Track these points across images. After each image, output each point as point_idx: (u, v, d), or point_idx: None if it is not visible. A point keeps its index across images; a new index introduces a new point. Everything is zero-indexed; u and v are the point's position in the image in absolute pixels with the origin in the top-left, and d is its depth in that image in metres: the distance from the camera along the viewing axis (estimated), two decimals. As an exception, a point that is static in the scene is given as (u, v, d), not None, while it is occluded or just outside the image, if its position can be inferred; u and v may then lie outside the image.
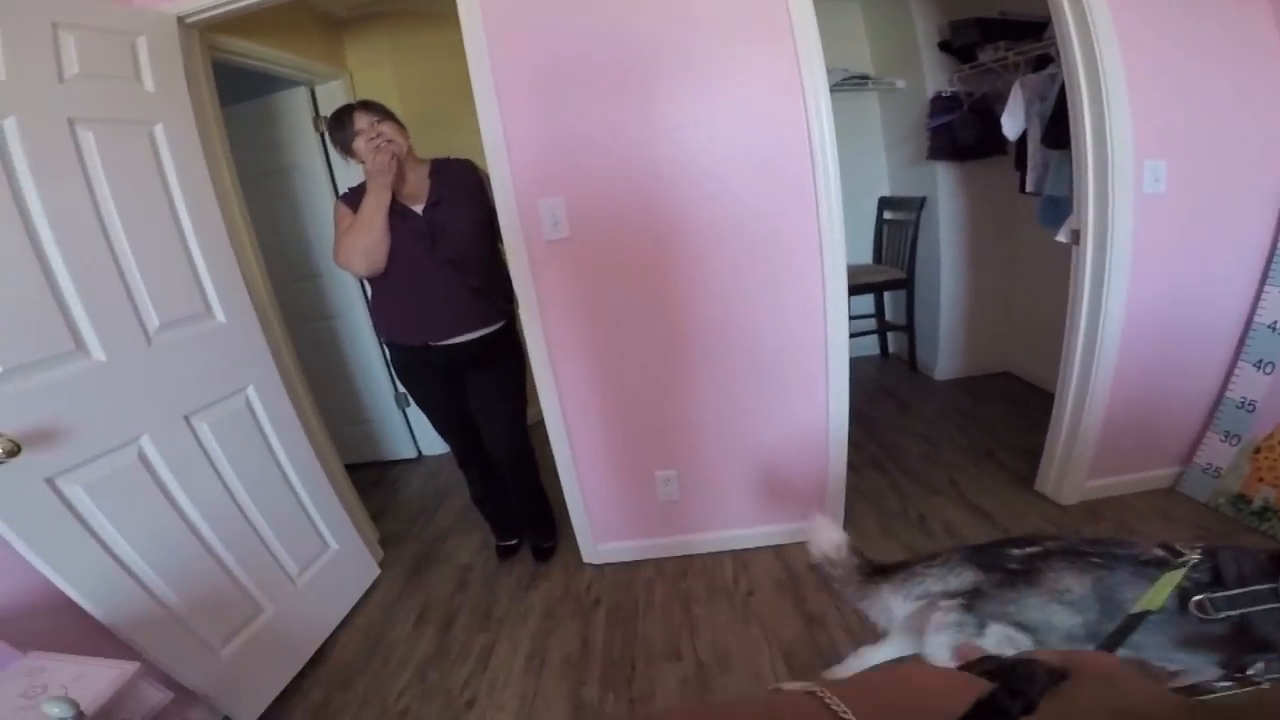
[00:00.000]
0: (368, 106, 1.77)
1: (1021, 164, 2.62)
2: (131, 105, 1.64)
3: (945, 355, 3.43)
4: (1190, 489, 2.16)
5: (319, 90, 2.77)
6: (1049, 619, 0.91)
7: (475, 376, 2.03)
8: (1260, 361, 1.97)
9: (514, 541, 2.43)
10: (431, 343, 1.92)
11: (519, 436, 2.17)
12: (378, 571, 2.39)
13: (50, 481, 1.36)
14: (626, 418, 2.08)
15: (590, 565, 2.28)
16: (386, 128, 1.74)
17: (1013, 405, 3.07)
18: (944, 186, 3.13)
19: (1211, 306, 2.01)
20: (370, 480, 3.19)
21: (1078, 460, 2.16)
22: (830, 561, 1.19)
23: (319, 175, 2.85)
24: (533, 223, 1.84)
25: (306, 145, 2.81)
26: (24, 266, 1.35)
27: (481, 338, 1.96)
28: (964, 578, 1.00)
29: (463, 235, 1.86)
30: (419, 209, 1.83)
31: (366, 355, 3.18)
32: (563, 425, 2.07)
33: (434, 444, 3.44)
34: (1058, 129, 2.20)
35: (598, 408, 2.06)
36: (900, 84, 3.18)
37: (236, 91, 2.48)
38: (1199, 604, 0.87)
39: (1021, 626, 0.93)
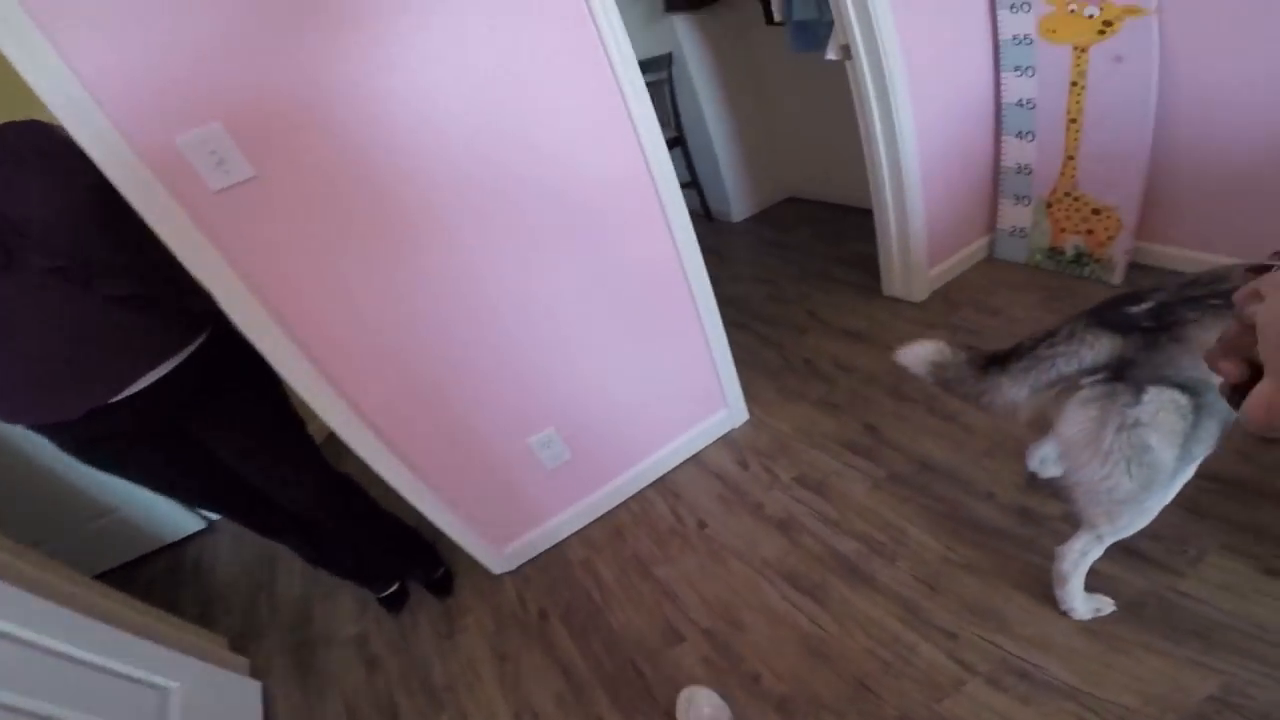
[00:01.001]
0: None
1: None
2: None
3: (735, 198, 2.92)
4: (1005, 253, 1.94)
5: None
6: (1208, 376, 0.63)
7: (204, 421, 1.09)
8: (1020, 132, 1.74)
9: (395, 586, 1.56)
10: (96, 405, 0.94)
11: (317, 471, 1.26)
12: (258, 685, 1.45)
13: None
14: (463, 393, 1.26)
15: (506, 575, 1.53)
16: None
17: (814, 224, 2.67)
18: (686, 39, 2.47)
19: (964, 94, 1.71)
20: (163, 573, 2.02)
21: (916, 258, 1.83)
22: (938, 370, 0.87)
23: None
24: (180, 173, 0.83)
25: None
26: None
27: (178, 368, 1.01)
28: (1100, 348, 0.74)
29: (64, 225, 0.87)
30: None
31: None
32: (368, 433, 1.18)
33: None
34: None
35: (413, 395, 1.21)
36: None
37: None
38: None
39: (1182, 388, 0.72)
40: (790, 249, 2.52)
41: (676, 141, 2.68)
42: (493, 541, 1.48)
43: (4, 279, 0.83)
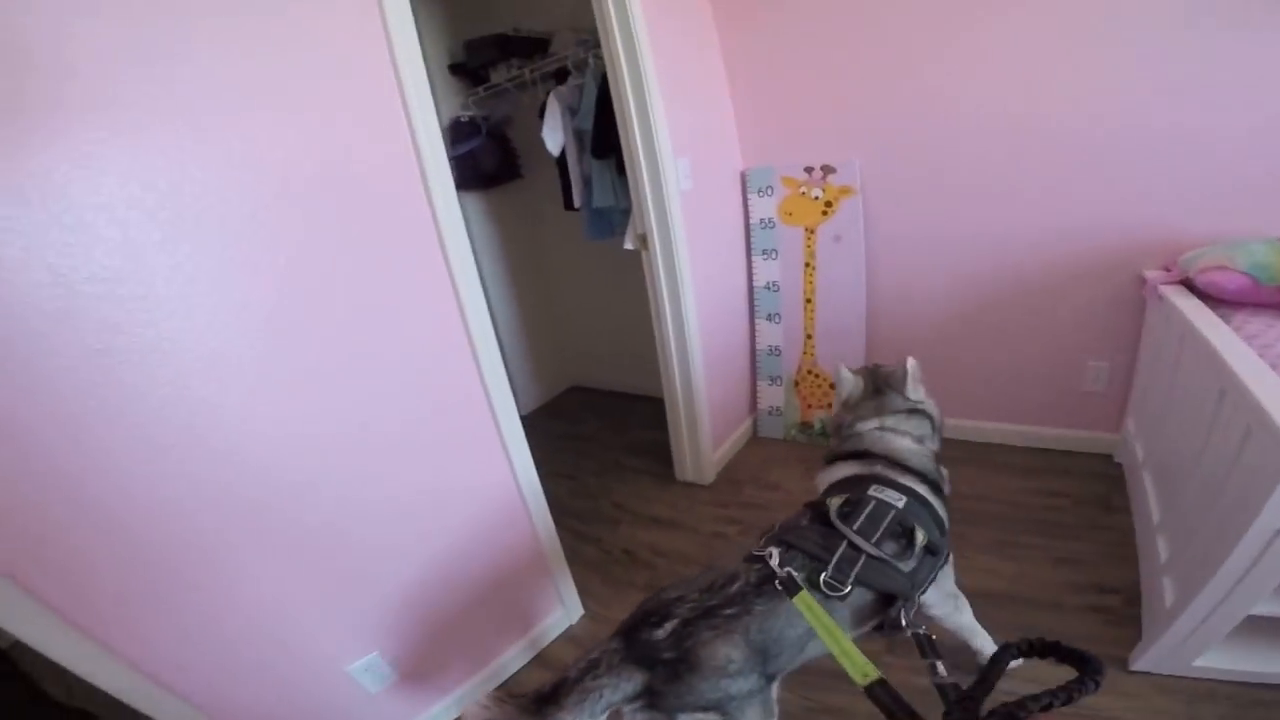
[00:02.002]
0: None
1: (565, 179, 2.52)
2: None
3: (522, 389, 3.25)
4: (767, 430, 2.60)
5: None
6: (728, 692, 0.90)
7: None
8: (770, 315, 2.45)
9: None
10: None
11: None
12: None
13: None
14: (270, 629, 1.18)
15: None
16: None
17: (599, 413, 3.14)
18: (474, 218, 2.87)
19: (728, 279, 2.35)
20: None
21: (703, 441, 2.29)
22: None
23: None
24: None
25: None
26: None
27: None
28: (634, 680, 0.90)
29: None
30: None
31: None
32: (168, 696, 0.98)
33: None
34: (602, 139, 2.18)
35: (212, 647, 1.10)
36: None
37: None
38: (828, 586, 0.94)
39: (706, 708, 0.89)
40: (583, 440, 2.87)
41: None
42: None
43: None
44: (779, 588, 0.92)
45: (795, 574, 0.93)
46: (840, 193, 2.16)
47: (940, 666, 0.77)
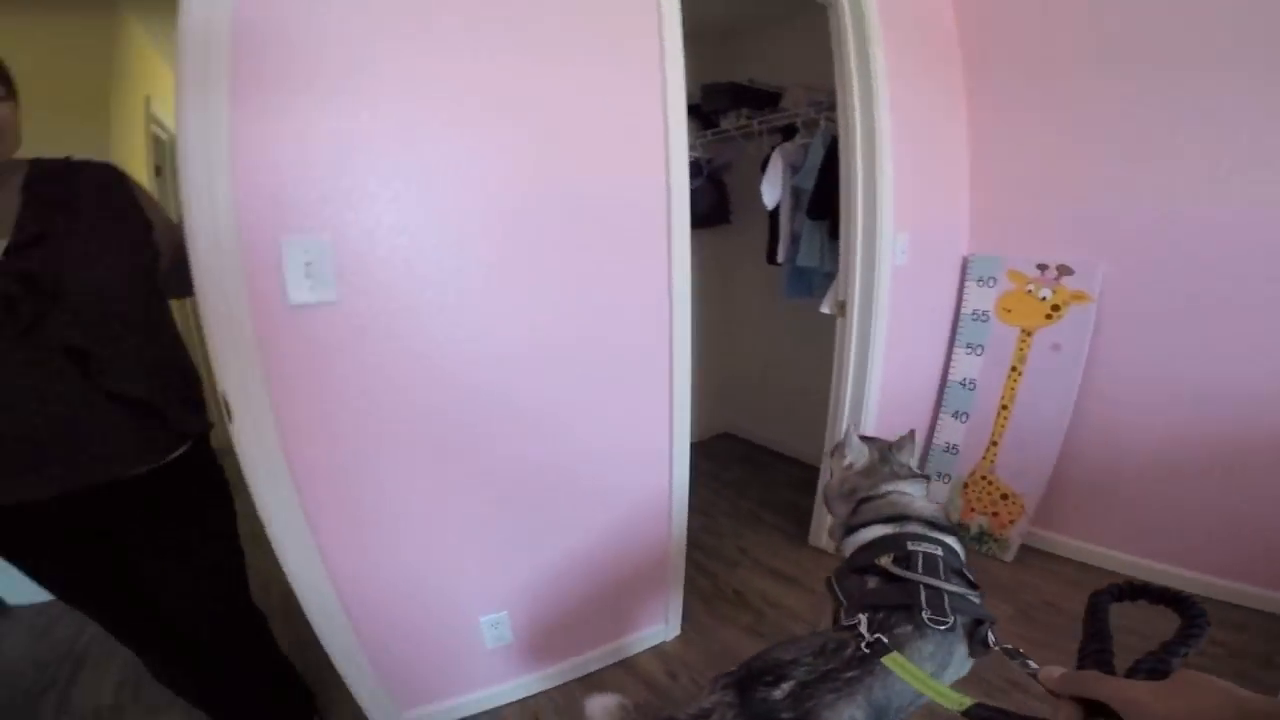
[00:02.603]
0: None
1: (773, 232, 2.60)
2: None
3: None
4: (922, 524, 2.42)
5: None
6: None
7: (146, 537, 1.09)
8: (957, 412, 2.30)
9: None
10: (38, 498, 0.94)
11: (236, 612, 1.26)
12: None
13: None
14: (435, 557, 1.38)
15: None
16: (6, 109, 0.90)
17: (746, 465, 3.15)
18: None
19: (924, 367, 2.26)
20: None
21: None
22: None
23: None
24: (267, 273, 1.05)
25: None
26: None
27: (146, 477, 1.03)
28: None
29: (97, 297, 0.95)
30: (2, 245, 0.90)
31: None
32: (328, 583, 1.24)
33: (26, 588, 1.92)
34: (822, 199, 2.22)
35: (387, 558, 1.31)
36: None
37: None
38: (933, 621, 0.95)
39: None
40: (725, 484, 2.92)
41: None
42: (398, 704, 1.46)
43: (17, 345, 0.88)
44: (865, 651, 0.93)
45: (884, 638, 0.94)
46: (1072, 298, 1.98)
47: (1032, 662, 0.75)
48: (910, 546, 1.10)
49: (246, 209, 1.01)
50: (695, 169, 2.82)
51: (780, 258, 2.59)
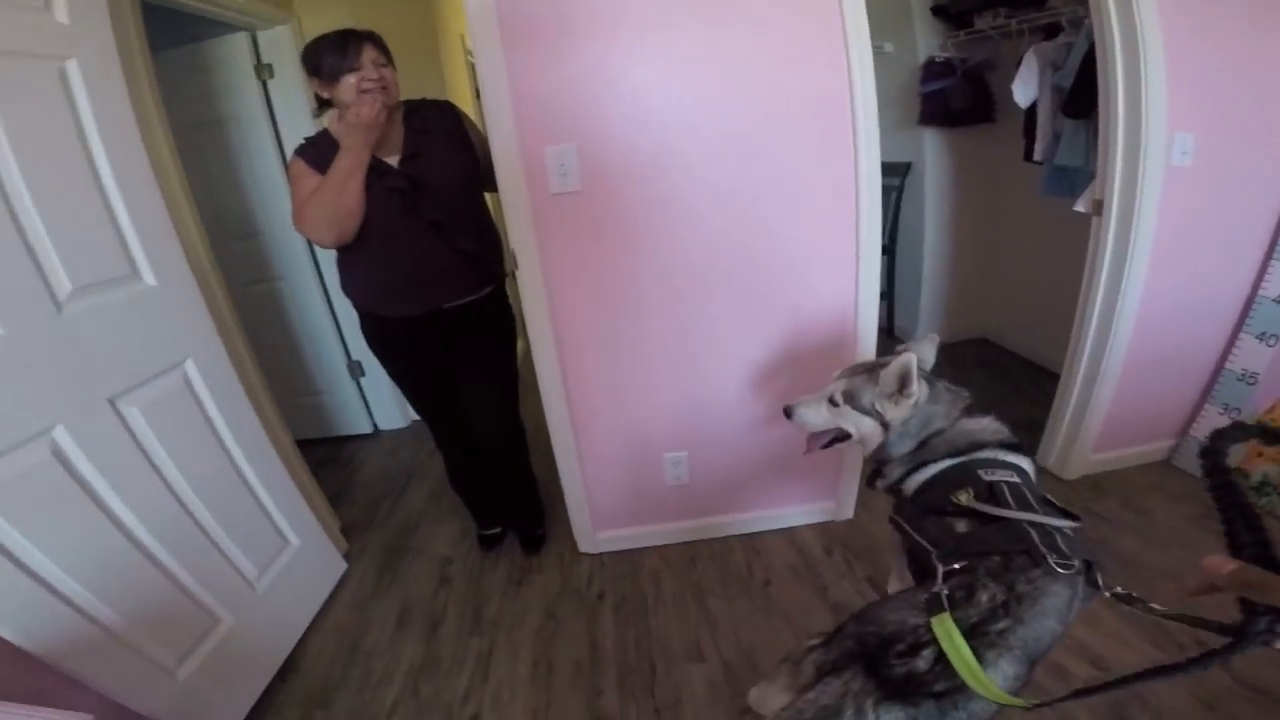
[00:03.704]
0: (378, 43, 1.43)
1: (1029, 132, 2.49)
2: (37, 37, 1.24)
3: (925, 320, 3.35)
4: (1184, 462, 2.14)
5: (261, 36, 2.33)
6: None
7: (462, 349, 1.72)
8: (1264, 334, 1.92)
9: (498, 529, 2.17)
10: (412, 314, 1.61)
11: (511, 417, 1.89)
12: (344, 566, 2.09)
13: None
14: (637, 395, 1.83)
15: (588, 555, 2.05)
16: (389, 73, 1.43)
17: (992, 372, 3.01)
18: (931, 153, 3.01)
19: (1219, 279, 1.94)
20: (321, 459, 2.82)
21: (1084, 436, 2.09)
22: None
23: (260, 127, 2.44)
24: (538, 173, 1.54)
25: (246, 94, 2.39)
26: None
27: (469, 305, 1.65)
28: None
29: (447, 190, 1.54)
30: (394, 161, 1.50)
31: (314, 320, 2.79)
32: (565, 404, 1.81)
33: (391, 418, 3.10)
34: (1080, 98, 2.07)
35: (605, 384, 1.81)
36: (888, 47, 2.96)
37: (165, 36, 2.07)
38: (1062, 567, 0.82)
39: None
40: (961, 387, 2.83)
41: (885, 251, 3.24)
42: (594, 525, 2.03)
43: (407, 220, 1.49)
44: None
45: (946, 591, 0.84)
46: None
47: (1155, 605, 0.71)
48: (985, 476, 1.00)
49: (521, 126, 1.49)
50: (947, 68, 2.75)
51: (1038, 156, 2.45)
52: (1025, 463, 1.07)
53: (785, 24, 1.46)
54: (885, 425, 1.16)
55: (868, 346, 1.79)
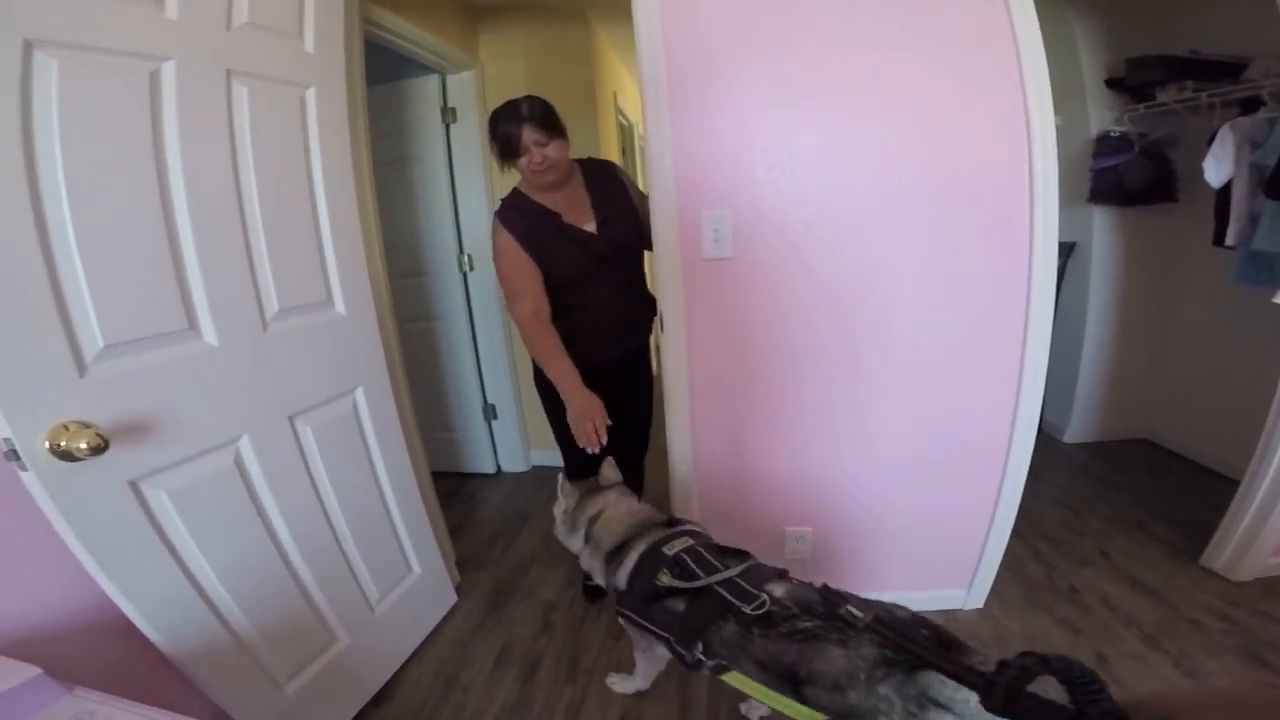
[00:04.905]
0: (537, 119, 1.54)
1: (1220, 213, 2.28)
2: (289, 64, 1.39)
3: (1079, 416, 3.06)
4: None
5: (450, 80, 2.58)
6: None
7: (622, 392, 1.78)
8: None
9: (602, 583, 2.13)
10: (606, 359, 1.77)
11: (644, 437, 2.02)
12: (454, 599, 2.11)
13: (134, 485, 1.11)
14: (764, 465, 1.78)
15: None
16: (551, 151, 1.55)
17: (1155, 474, 2.72)
18: (1100, 233, 2.79)
19: None
20: (446, 492, 2.90)
21: (1264, 540, 1.86)
22: None
23: (439, 169, 2.66)
24: (692, 236, 1.58)
25: (431, 137, 2.62)
26: (150, 228, 1.11)
27: (638, 349, 1.90)
28: None
29: (632, 250, 1.77)
30: (591, 228, 1.67)
31: (460, 361, 2.95)
32: (690, 460, 1.79)
33: (515, 461, 3.18)
34: None
35: (731, 446, 1.78)
36: (1058, 120, 2.84)
37: (370, 73, 2.34)
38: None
39: None
40: (1114, 489, 2.61)
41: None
42: None
43: (607, 280, 1.70)
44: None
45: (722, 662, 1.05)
46: None
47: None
48: (669, 552, 1.20)
49: (680, 188, 1.54)
50: (1123, 143, 2.59)
51: (1230, 240, 2.22)
52: (690, 525, 1.33)
53: (956, 97, 1.45)
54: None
55: (1024, 447, 1.68)
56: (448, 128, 2.61)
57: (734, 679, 1.00)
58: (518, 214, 1.63)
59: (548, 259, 1.63)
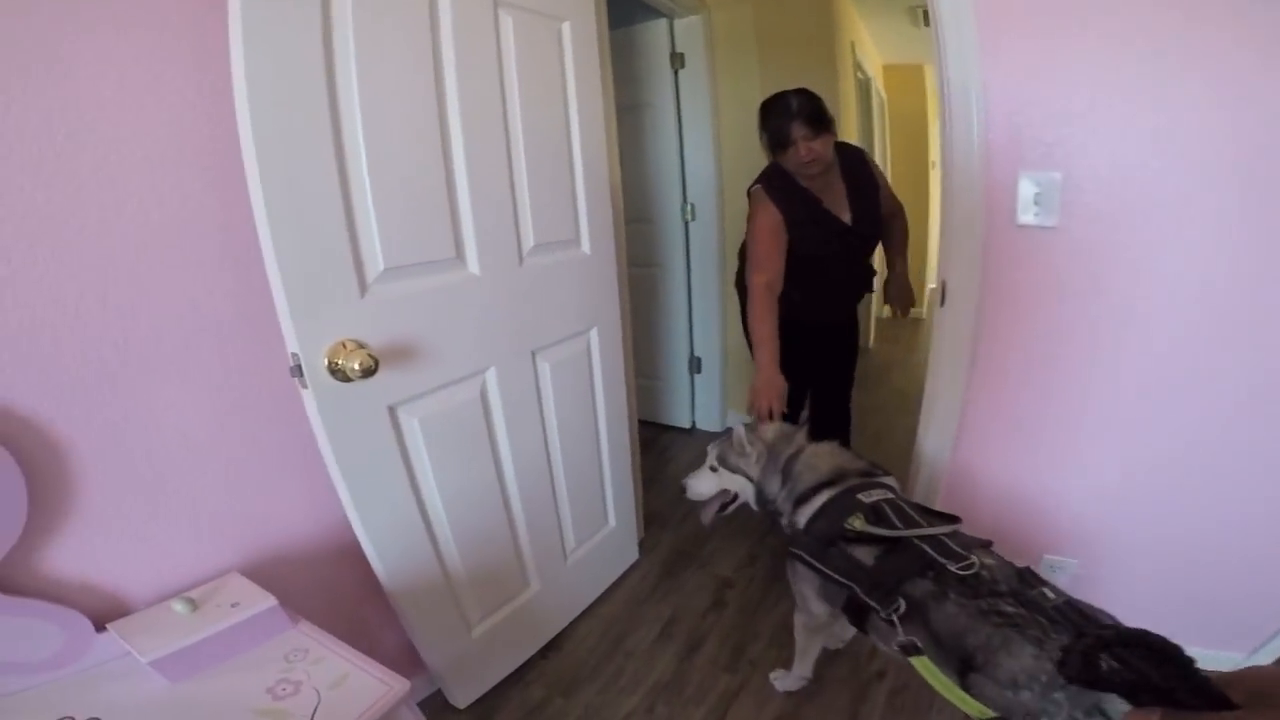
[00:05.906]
0: (805, 116, 1.56)
1: None
2: None
3: None
4: None
5: (677, 25, 2.44)
6: None
7: (830, 352, 2.02)
8: None
9: None
10: (829, 321, 1.94)
11: (848, 398, 2.14)
12: (636, 556, 2.07)
13: (392, 410, 1.11)
14: (1041, 475, 1.50)
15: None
16: (817, 145, 1.58)
17: None
18: None
19: None
20: (641, 441, 2.88)
21: None
22: None
23: (668, 117, 2.57)
24: (1001, 199, 1.29)
25: (660, 82, 2.53)
26: (430, 155, 1.10)
27: (852, 314, 2.05)
28: None
29: (874, 238, 1.88)
30: (847, 219, 1.74)
31: (673, 310, 2.88)
32: (949, 451, 1.54)
33: (711, 419, 3.08)
34: None
35: (1003, 447, 1.52)
36: None
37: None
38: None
39: None
40: None
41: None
42: None
43: (851, 263, 1.86)
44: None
45: (916, 643, 0.93)
46: None
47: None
48: (865, 499, 1.10)
49: (992, 145, 1.26)
50: None
51: None
52: (889, 480, 1.22)
53: None
54: (749, 477, 1.36)
55: None
56: (676, 74, 2.49)
57: (923, 665, 0.89)
58: (784, 192, 1.67)
59: (801, 237, 1.69)
